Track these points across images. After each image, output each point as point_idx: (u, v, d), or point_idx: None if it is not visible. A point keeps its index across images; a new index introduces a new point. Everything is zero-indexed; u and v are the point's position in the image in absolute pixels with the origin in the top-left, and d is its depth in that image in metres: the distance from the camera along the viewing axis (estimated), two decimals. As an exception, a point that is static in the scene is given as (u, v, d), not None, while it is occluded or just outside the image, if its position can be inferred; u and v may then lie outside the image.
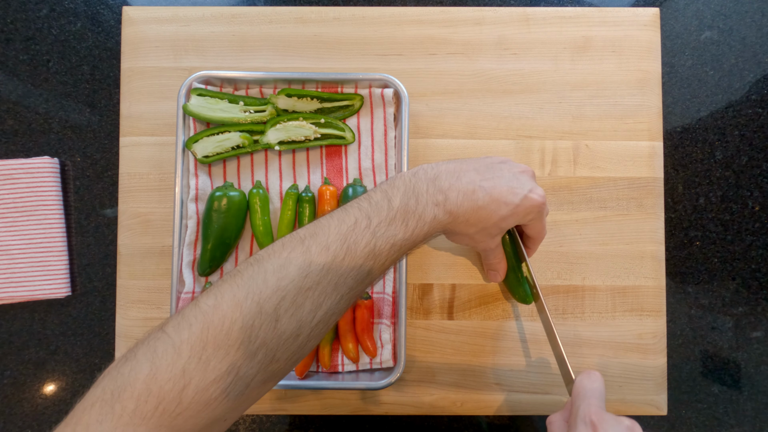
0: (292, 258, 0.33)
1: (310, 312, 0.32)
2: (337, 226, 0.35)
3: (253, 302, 0.30)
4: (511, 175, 0.41)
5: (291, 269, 0.32)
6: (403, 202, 0.37)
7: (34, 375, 0.53)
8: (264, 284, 0.31)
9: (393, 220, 0.36)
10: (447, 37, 0.54)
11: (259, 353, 0.30)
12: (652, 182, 0.53)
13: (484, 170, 0.40)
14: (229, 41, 0.54)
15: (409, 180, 0.39)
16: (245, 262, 0.33)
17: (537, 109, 0.54)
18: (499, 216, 0.39)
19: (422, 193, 0.38)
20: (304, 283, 0.32)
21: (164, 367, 0.28)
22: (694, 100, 0.56)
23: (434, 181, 0.39)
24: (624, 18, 0.54)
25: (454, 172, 0.40)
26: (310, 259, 0.33)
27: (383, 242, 0.35)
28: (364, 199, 0.37)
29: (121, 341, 0.52)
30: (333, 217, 0.36)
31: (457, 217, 0.38)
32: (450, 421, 0.54)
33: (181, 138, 0.50)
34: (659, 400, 0.52)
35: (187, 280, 0.49)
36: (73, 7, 0.55)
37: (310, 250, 0.33)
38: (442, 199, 0.38)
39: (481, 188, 0.39)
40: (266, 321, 0.30)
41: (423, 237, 0.38)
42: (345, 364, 0.51)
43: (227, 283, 0.32)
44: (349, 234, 0.35)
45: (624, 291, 0.53)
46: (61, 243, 0.53)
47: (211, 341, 0.29)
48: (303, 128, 0.51)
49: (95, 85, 0.55)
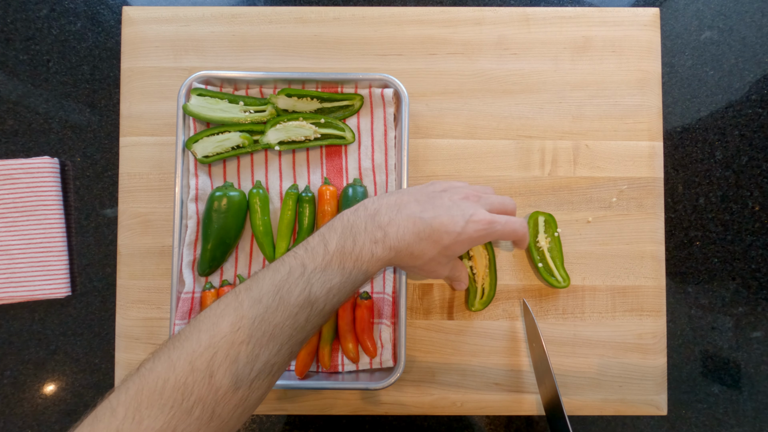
0: (225, 314, 0.34)
1: (246, 365, 0.33)
2: (271, 277, 0.36)
3: (185, 361, 0.31)
4: (452, 203, 0.41)
5: (223, 325, 0.33)
6: (339, 245, 0.37)
7: (34, 375, 0.53)
8: (197, 343, 0.32)
9: (329, 265, 0.37)
10: (447, 37, 0.54)
11: (195, 410, 0.31)
12: (652, 182, 0.53)
13: (425, 200, 0.41)
14: (229, 41, 0.54)
15: (348, 219, 0.39)
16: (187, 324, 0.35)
17: (537, 109, 0.54)
18: (443, 245, 0.39)
19: (360, 232, 0.38)
20: (236, 337, 0.33)
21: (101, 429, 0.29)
22: (694, 100, 0.56)
23: (374, 217, 0.39)
24: (624, 18, 0.54)
25: (395, 205, 0.40)
26: (242, 313, 0.34)
27: (318, 288, 0.36)
28: (301, 246, 0.38)
29: (121, 341, 0.52)
30: (269, 268, 0.37)
31: (400, 251, 0.39)
32: (450, 421, 0.54)
33: (181, 138, 0.50)
34: (659, 400, 0.52)
35: (187, 280, 0.49)
36: (73, 7, 0.55)
37: (243, 304, 0.34)
38: (381, 236, 0.38)
39: (421, 220, 0.39)
40: (199, 378, 0.31)
41: (364, 277, 0.38)
42: (345, 364, 0.51)
43: (166, 347, 0.33)
44: (282, 284, 0.35)
45: (624, 291, 0.53)
46: (61, 243, 0.53)
47: (144, 401, 0.30)
48: (303, 128, 0.51)
49: (95, 85, 0.55)
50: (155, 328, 0.52)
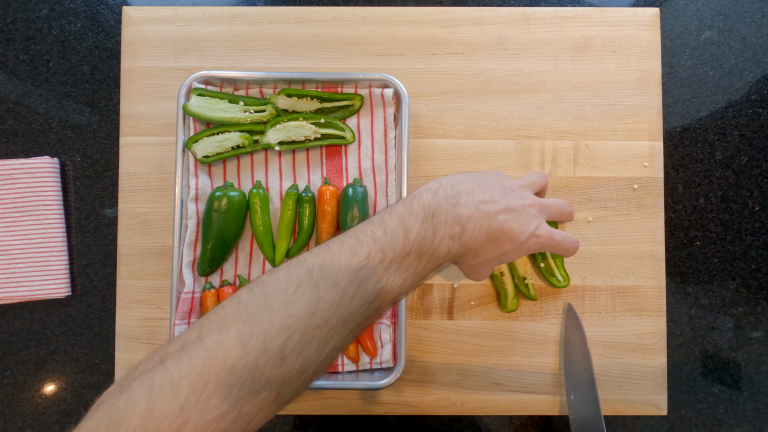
0: (299, 294, 0.31)
1: (317, 350, 0.31)
2: (348, 258, 0.33)
3: (258, 341, 0.29)
4: (523, 208, 0.39)
5: (298, 306, 0.31)
6: (420, 234, 0.35)
7: (34, 375, 0.53)
8: (270, 322, 0.30)
9: (407, 256, 0.35)
10: (447, 37, 0.54)
11: (263, 391, 0.29)
12: (652, 182, 0.53)
13: (500, 199, 0.39)
14: (229, 41, 0.54)
15: (429, 204, 0.37)
16: (248, 290, 0.32)
17: (537, 109, 0.54)
18: (503, 250, 0.39)
19: (440, 223, 0.36)
20: (311, 321, 0.31)
21: (162, 403, 0.27)
22: (694, 100, 0.56)
23: (454, 207, 0.37)
24: (624, 18, 0.54)
25: (473, 196, 0.38)
26: (318, 296, 0.31)
27: (395, 279, 0.34)
28: (378, 225, 0.35)
29: (121, 341, 0.52)
30: (344, 245, 0.34)
31: (469, 249, 0.38)
32: (450, 421, 0.54)
33: (181, 138, 0.50)
34: (659, 400, 0.52)
35: (187, 280, 0.49)
36: (73, 7, 0.55)
37: (318, 285, 0.32)
38: (458, 231, 0.37)
39: (496, 221, 0.38)
40: (271, 360, 0.29)
41: (431, 271, 0.37)
42: (345, 364, 0.51)
43: (232, 317, 0.30)
44: (361, 269, 0.33)
45: (624, 291, 0.53)
46: (61, 243, 0.53)
47: (212, 379, 0.28)
48: (303, 128, 0.51)
49: (95, 85, 0.55)
50: (155, 328, 0.52)
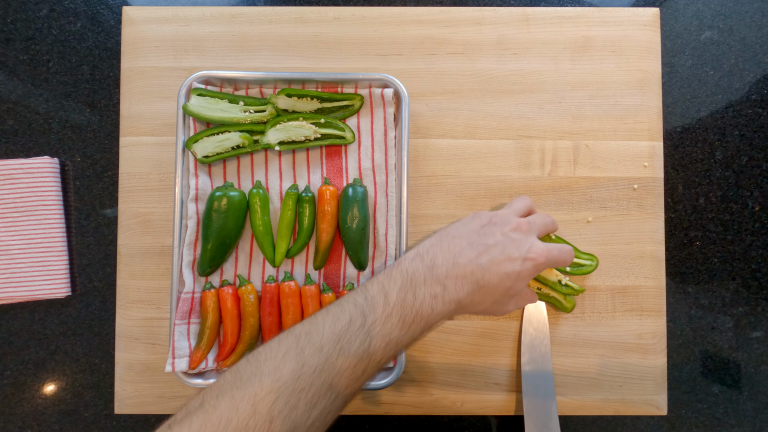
0: (286, 359, 0.34)
1: (305, 413, 0.33)
2: (331, 325, 0.36)
3: (248, 403, 0.32)
4: (505, 238, 0.40)
5: (285, 371, 0.34)
6: (400, 297, 0.37)
7: (34, 375, 0.53)
8: (259, 386, 0.33)
9: (389, 318, 0.36)
10: (447, 37, 0.54)
11: None
12: (652, 182, 0.53)
13: (477, 242, 0.40)
14: (229, 41, 0.54)
15: (406, 270, 0.38)
16: (245, 359, 0.35)
17: (537, 109, 0.54)
18: (504, 288, 0.39)
19: (420, 285, 0.38)
20: (297, 384, 0.33)
21: None
22: (694, 100, 0.56)
23: (432, 269, 0.38)
24: (624, 18, 0.54)
25: (450, 252, 0.39)
26: (304, 361, 0.34)
27: (378, 341, 0.36)
28: (360, 293, 0.38)
29: (121, 341, 0.52)
30: (329, 313, 0.37)
31: (460, 302, 0.38)
32: (450, 421, 0.54)
33: (181, 138, 0.50)
34: (659, 400, 0.52)
35: (187, 280, 0.49)
36: (73, 7, 0.55)
37: (304, 351, 0.34)
38: (440, 291, 0.38)
39: (479, 267, 0.38)
40: (260, 422, 0.32)
41: (424, 330, 0.38)
42: (345, 364, 0.51)
43: (228, 384, 0.34)
44: (343, 334, 0.35)
45: (624, 291, 0.53)
46: (61, 243, 0.53)
47: None
48: (303, 128, 0.51)
49: (95, 85, 0.55)
50: (155, 328, 0.52)
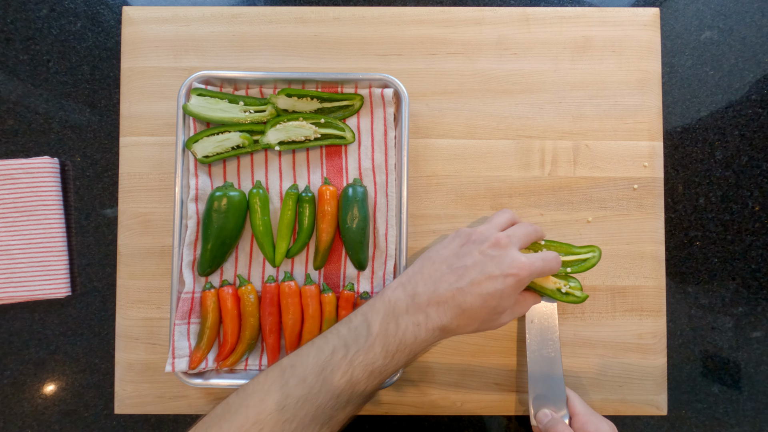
0: (271, 391, 0.35)
1: None
2: (315, 357, 0.36)
3: None
4: (483, 256, 0.39)
5: (269, 402, 0.34)
6: (382, 327, 0.37)
7: (34, 375, 0.53)
8: (245, 417, 0.34)
9: (372, 346, 0.37)
10: (447, 37, 0.54)
11: None
12: (652, 182, 0.53)
13: (456, 264, 0.39)
14: (229, 41, 0.54)
15: (389, 300, 0.39)
16: (236, 393, 0.37)
17: (537, 109, 0.54)
18: (490, 307, 0.38)
19: (402, 314, 0.38)
20: (282, 415, 0.34)
21: None
22: (694, 100, 0.56)
23: (413, 297, 0.38)
24: (624, 18, 0.54)
25: (431, 279, 0.39)
26: (288, 393, 0.35)
27: (360, 371, 0.36)
28: (344, 324, 0.38)
29: (121, 341, 0.52)
30: (314, 345, 0.37)
31: (445, 328, 0.38)
32: (450, 421, 0.54)
33: (181, 138, 0.50)
34: (659, 400, 0.52)
35: (187, 280, 0.49)
36: (73, 7, 0.55)
37: (288, 382, 0.35)
38: (423, 319, 0.38)
39: (459, 291, 0.38)
40: None
41: (406, 359, 0.38)
42: (345, 364, 0.51)
43: (218, 417, 0.35)
44: (326, 365, 0.36)
45: (624, 291, 0.53)
46: (61, 243, 0.53)
47: None
48: (303, 128, 0.51)
49: (95, 85, 0.55)
50: (155, 328, 0.52)
